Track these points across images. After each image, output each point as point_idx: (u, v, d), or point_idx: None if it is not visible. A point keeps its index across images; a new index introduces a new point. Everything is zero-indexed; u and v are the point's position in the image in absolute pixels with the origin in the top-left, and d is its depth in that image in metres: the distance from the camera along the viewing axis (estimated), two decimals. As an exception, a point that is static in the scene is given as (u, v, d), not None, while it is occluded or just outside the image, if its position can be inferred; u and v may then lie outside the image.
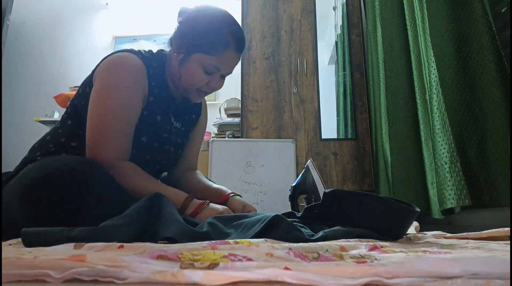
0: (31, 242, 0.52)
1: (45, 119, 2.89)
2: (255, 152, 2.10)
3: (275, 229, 0.62)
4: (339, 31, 2.71)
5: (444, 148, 1.33)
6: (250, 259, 0.39)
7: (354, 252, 0.50)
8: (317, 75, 2.40)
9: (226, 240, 0.53)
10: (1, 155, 1.89)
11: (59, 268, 0.34)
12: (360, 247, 0.54)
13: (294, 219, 0.80)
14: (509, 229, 0.73)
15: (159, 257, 0.39)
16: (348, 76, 2.47)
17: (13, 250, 0.47)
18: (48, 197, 0.66)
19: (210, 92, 0.99)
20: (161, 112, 0.97)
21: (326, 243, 0.56)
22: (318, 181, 1.10)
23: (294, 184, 1.20)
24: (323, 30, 2.78)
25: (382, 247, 0.55)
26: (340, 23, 2.69)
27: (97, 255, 0.37)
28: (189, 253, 0.40)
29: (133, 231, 0.59)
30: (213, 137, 2.56)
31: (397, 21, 1.87)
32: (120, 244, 0.49)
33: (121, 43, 3.51)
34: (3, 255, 0.39)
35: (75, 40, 3.53)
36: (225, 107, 2.67)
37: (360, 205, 0.73)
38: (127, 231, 0.58)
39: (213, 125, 2.64)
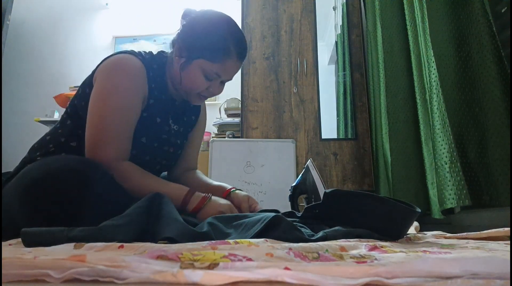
0: (31, 242, 0.52)
1: (45, 119, 2.89)
2: (255, 152, 2.10)
3: (275, 229, 0.62)
4: (339, 31, 2.71)
5: (444, 148, 1.33)
6: (250, 259, 0.39)
7: (354, 252, 0.50)
8: (317, 75, 2.40)
9: (226, 240, 0.53)
10: (1, 155, 1.89)
11: (59, 268, 0.34)
12: (360, 247, 0.54)
13: (294, 219, 0.80)
14: (509, 229, 0.73)
15: (159, 257, 0.39)
16: (348, 76, 2.47)
17: (13, 250, 0.47)
18: (48, 197, 0.66)
19: (209, 96, 1.00)
20: (161, 114, 0.98)
21: (326, 243, 0.56)
22: (318, 181, 1.10)
23: (294, 184, 1.20)
24: (323, 30, 2.78)
25: (382, 247, 0.55)
26: (340, 23, 2.69)
27: (97, 255, 0.37)
28: (189, 253, 0.40)
29: (133, 231, 0.59)
30: (213, 137, 2.56)
31: (397, 21, 1.87)
32: (120, 244, 0.49)
33: (121, 43, 3.51)
34: (3, 255, 0.39)
35: (75, 40, 3.53)
36: (225, 107, 2.67)
37: (360, 205, 0.73)
38: (127, 231, 0.58)
39: (213, 125, 2.64)
